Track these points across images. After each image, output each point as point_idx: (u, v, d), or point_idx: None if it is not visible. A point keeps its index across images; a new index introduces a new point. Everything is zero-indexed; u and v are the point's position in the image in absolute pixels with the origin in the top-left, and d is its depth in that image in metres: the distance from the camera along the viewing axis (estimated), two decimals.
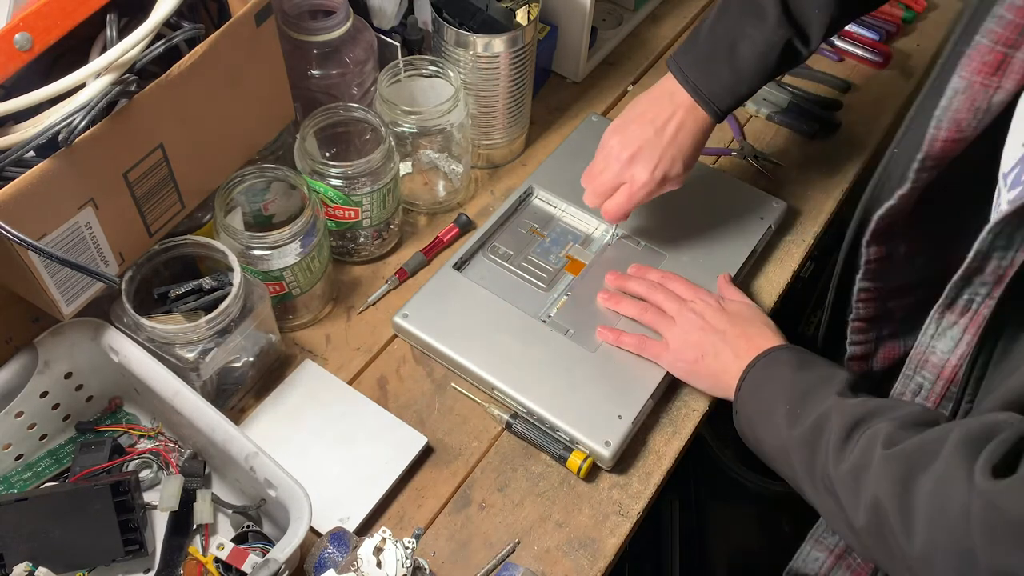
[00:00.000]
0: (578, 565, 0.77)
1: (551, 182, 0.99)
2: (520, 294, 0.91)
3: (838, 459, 0.63)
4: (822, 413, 0.68)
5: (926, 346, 0.68)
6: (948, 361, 0.67)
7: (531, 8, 0.95)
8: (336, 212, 0.89)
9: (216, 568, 0.71)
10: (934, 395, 0.70)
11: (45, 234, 0.64)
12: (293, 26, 0.89)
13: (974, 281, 0.61)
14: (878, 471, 0.59)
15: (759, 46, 0.80)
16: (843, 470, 0.63)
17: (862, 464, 0.61)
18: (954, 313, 0.64)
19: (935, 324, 0.66)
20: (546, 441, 0.82)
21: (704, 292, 0.87)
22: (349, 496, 0.78)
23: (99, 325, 0.75)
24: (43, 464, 0.79)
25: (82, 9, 0.64)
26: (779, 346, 0.79)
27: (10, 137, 0.63)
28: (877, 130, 1.12)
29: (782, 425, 0.71)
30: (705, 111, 0.83)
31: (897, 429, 0.61)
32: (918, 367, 0.70)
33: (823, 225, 1.02)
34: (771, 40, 0.80)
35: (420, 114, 0.91)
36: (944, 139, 0.61)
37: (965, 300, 0.62)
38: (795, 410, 0.70)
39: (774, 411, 0.72)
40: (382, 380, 0.88)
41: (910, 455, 0.57)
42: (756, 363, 0.78)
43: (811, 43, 0.81)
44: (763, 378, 0.77)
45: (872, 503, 0.59)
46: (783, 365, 0.76)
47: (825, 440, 0.65)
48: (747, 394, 0.77)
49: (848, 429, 0.64)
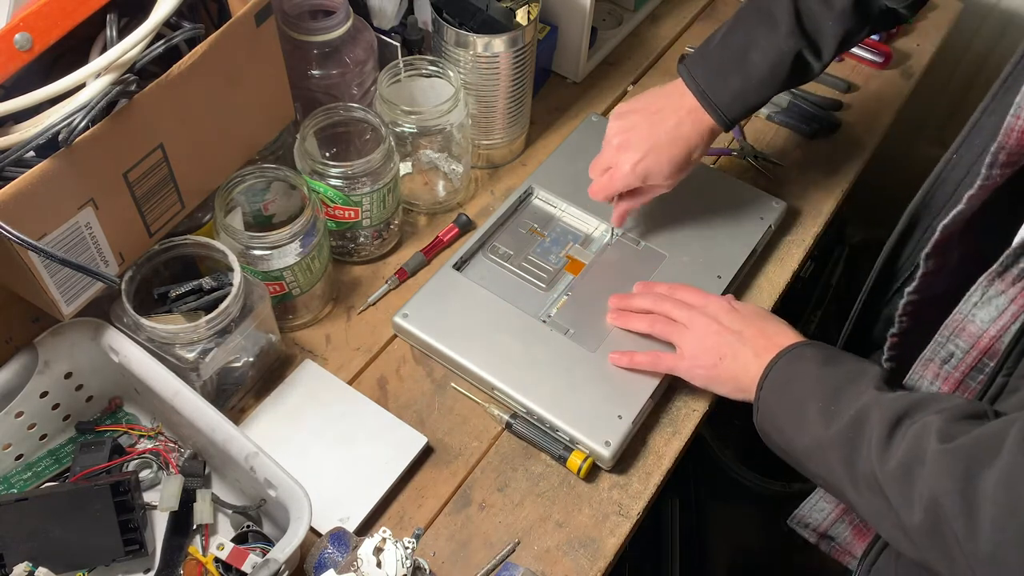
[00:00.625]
0: (578, 565, 0.77)
1: (551, 182, 0.99)
2: (520, 294, 0.91)
3: (884, 456, 0.61)
4: (860, 409, 0.65)
5: (966, 314, 0.66)
6: (986, 332, 0.65)
7: (531, 8, 0.95)
8: (336, 212, 0.89)
9: (216, 568, 0.71)
10: (964, 365, 0.67)
11: (45, 234, 0.64)
12: (293, 26, 0.89)
13: None
14: (935, 467, 0.56)
15: (770, 55, 0.80)
16: (891, 467, 0.60)
17: (914, 460, 0.58)
18: (1004, 282, 0.62)
19: (981, 291, 0.64)
20: (546, 441, 0.82)
21: (715, 296, 0.85)
22: (349, 496, 0.78)
23: (99, 325, 0.75)
24: (43, 464, 0.79)
25: (82, 9, 0.64)
26: (801, 342, 0.77)
27: (10, 137, 0.63)
28: (877, 130, 1.12)
29: (816, 423, 0.68)
30: (712, 118, 0.83)
31: (948, 423, 0.58)
32: (953, 335, 0.67)
33: (823, 225, 1.02)
34: (782, 50, 0.80)
35: (420, 114, 0.91)
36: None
37: (1020, 269, 0.60)
38: (829, 407, 0.67)
39: (805, 409, 0.69)
40: (382, 380, 0.88)
41: (970, 449, 0.55)
42: (778, 360, 0.75)
43: (823, 56, 0.81)
44: (788, 376, 0.74)
45: (929, 501, 0.56)
46: (808, 361, 0.73)
47: (868, 437, 0.63)
48: (770, 393, 0.74)
49: (892, 424, 0.61)
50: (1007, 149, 0.61)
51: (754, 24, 0.82)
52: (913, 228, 0.79)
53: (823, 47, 0.81)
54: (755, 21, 0.82)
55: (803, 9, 0.80)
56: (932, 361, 0.70)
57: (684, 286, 0.87)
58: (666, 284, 0.89)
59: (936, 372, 0.70)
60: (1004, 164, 0.62)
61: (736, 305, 0.84)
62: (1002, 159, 0.61)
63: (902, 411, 0.62)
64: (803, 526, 0.86)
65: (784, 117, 1.12)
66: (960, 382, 0.69)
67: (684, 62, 0.85)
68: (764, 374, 0.75)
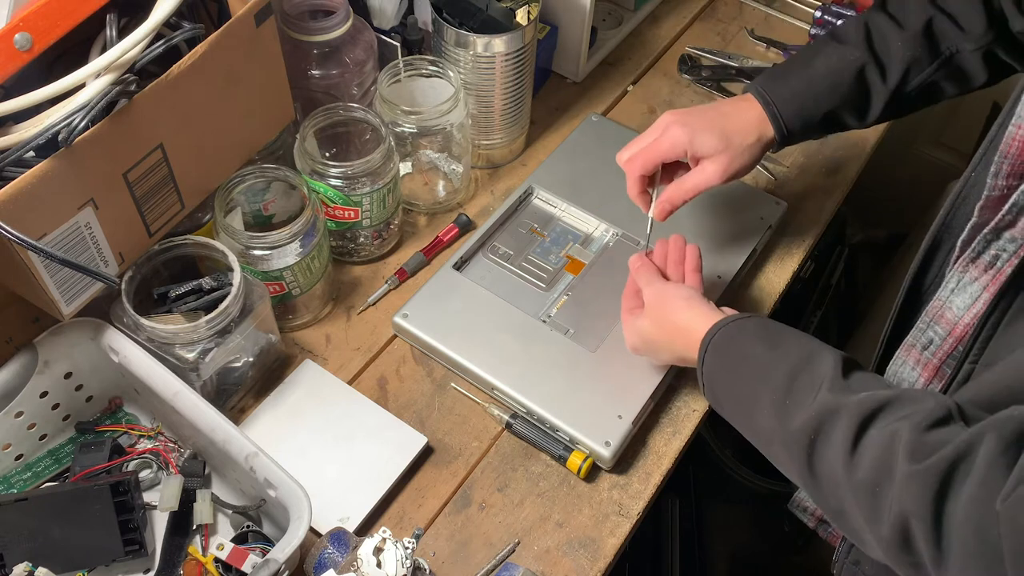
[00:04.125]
0: (578, 565, 0.77)
1: (551, 182, 0.99)
2: (520, 294, 0.91)
3: (849, 464, 0.58)
4: (821, 410, 0.61)
5: (944, 300, 0.66)
6: (961, 319, 0.65)
7: (531, 8, 0.95)
8: (336, 212, 0.89)
9: (216, 568, 0.71)
10: (941, 352, 0.68)
11: (45, 234, 0.64)
12: (293, 26, 0.89)
13: (1003, 236, 0.59)
14: (904, 489, 0.54)
15: (833, 62, 0.81)
16: (859, 478, 0.57)
17: (882, 475, 0.56)
18: (978, 268, 0.62)
19: (956, 277, 0.64)
20: (546, 441, 0.82)
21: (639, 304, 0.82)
22: (349, 496, 0.78)
23: (99, 325, 0.75)
24: (43, 464, 0.79)
25: (82, 9, 0.64)
26: (728, 319, 0.72)
27: (10, 137, 0.63)
28: (877, 130, 1.12)
29: (770, 417, 0.65)
30: (769, 121, 0.82)
31: (916, 434, 0.55)
32: (932, 321, 0.68)
33: (823, 225, 1.02)
34: (846, 58, 0.80)
35: (420, 114, 0.91)
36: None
37: (991, 255, 0.61)
38: (783, 401, 0.64)
39: (757, 399, 0.66)
40: (382, 380, 0.88)
41: (939, 473, 0.52)
42: (711, 343, 0.72)
43: (888, 79, 0.80)
44: (732, 360, 0.71)
45: (898, 518, 0.54)
46: (749, 341, 0.70)
47: (832, 442, 0.60)
48: (714, 374, 0.72)
49: (857, 428, 0.58)
50: (1009, 159, 0.60)
51: (823, 41, 0.83)
52: (936, 250, 0.77)
53: (889, 68, 0.80)
54: (825, 39, 0.83)
55: (873, 28, 0.81)
56: (914, 347, 0.70)
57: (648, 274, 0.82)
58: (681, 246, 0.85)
59: (917, 358, 0.70)
60: (1009, 175, 0.61)
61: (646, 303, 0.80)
62: (1006, 169, 0.61)
63: (867, 415, 0.59)
64: (802, 510, 0.86)
65: None
66: (938, 368, 0.69)
67: (755, 79, 0.85)
68: (702, 356, 0.72)
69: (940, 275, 0.76)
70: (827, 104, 0.81)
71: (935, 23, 0.79)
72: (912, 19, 0.79)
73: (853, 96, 0.81)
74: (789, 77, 0.82)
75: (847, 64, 0.80)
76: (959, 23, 0.79)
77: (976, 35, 0.78)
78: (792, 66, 0.84)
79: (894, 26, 0.80)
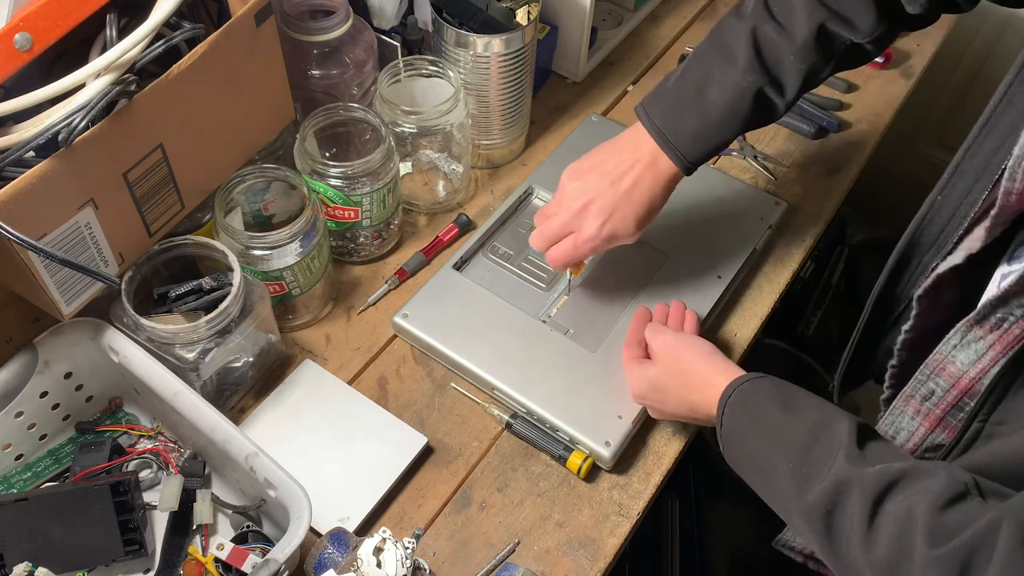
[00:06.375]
0: (578, 565, 0.77)
1: (551, 182, 0.99)
2: (520, 294, 0.91)
3: (867, 542, 0.57)
4: (837, 481, 0.60)
5: (946, 355, 0.65)
6: (967, 373, 0.64)
7: (531, 8, 0.95)
8: (336, 212, 0.89)
9: (216, 568, 0.71)
10: (944, 403, 0.67)
11: (45, 234, 0.64)
12: (293, 26, 0.89)
13: (1011, 302, 0.59)
14: (923, 573, 0.53)
15: (728, 91, 0.76)
16: (877, 556, 0.57)
17: (901, 555, 0.55)
18: (983, 328, 0.61)
19: (960, 335, 0.63)
20: (546, 441, 0.82)
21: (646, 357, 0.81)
22: (349, 496, 0.78)
23: (99, 325, 0.75)
24: (43, 464, 0.79)
25: (82, 9, 0.64)
26: (743, 378, 0.72)
27: (10, 137, 0.63)
28: (877, 130, 1.12)
29: (787, 484, 0.64)
30: (671, 160, 0.79)
31: (933, 514, 0.55)
32: (933, 373, 0.67)
33: (823, 225, 1.02)
34: (740, 85, 0.76)
35: (420, 114, 0.91)
36: (1021, 191, 0.58)
37: (997, 318, 0.60)
38: (801, 469, 0.63)
39: (774, 465, 0.66)
40: (382, 380, 0.88)
41: (962, 559, 0.52)
42: (728, 402, 0.71)
43: (786, 93, 0.77)
44: (747, 422, 0.70)
45: None
46: (763, 402, 0.69)
47: (848, 516, 0.59)
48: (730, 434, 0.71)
49: (873, 504, 0.58)
50: (1007, 211, 0.60)
51: (710, 60, 0.78)
52: (904, 266, 0.77)
53: (786, 83, 0.77)
54: (711, 57, 0.78)
55: (762, 43, 0.76)
56: (913, 397, 0.69)
57: (657, 325, 0.83)
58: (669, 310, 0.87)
59: (917, 408, 0.69)
60: (1005, 222, 0.61)
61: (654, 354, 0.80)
62: (1002, 220, 0.61)
63: (882, 490, 0.58)
64: (788, 548, 0.84)
65: (784, 117, 1.12)
66: (940, 419, 0.68)
67: (641, 103, 0.81)
68: (722, 404, 0.72)
69: (907, 290, 0.77)
70: (730, 132, 0.78)
71: (827, 26, 0.75)
72: (801, 27, 0.75)
73: (755, 116, 0.78)
74: (686, 115, 0.78)
75: (743, 91, 0.76)
76: (851, 21, 0.75)
77: (867, 30, 0.76)
78: (685, 97, 0.78)
79: (784, 38, 0.75)
